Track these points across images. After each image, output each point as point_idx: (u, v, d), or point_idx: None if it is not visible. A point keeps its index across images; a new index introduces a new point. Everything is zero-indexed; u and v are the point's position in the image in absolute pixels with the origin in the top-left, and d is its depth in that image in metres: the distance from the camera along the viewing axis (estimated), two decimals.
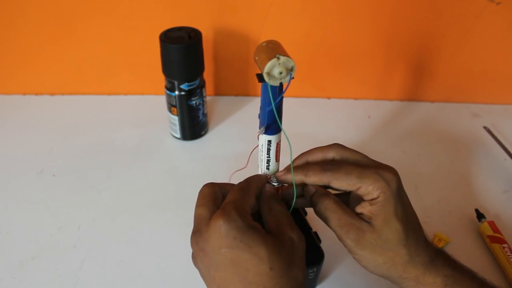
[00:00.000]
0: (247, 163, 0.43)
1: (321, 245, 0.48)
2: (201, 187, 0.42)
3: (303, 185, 0.43)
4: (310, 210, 0.53)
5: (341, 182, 0.40)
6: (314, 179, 0.41)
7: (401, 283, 0.41)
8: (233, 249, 0.35)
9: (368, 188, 0.39)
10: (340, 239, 0.41)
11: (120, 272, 0.54)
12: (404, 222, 0.39)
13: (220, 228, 0.35)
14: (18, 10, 0.74)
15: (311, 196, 0.43)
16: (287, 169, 0.43)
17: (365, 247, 0.40)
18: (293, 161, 0.44)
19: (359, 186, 0.39)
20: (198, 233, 0.38)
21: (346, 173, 0.40)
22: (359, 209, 0.40)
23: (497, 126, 0.78)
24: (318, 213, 0.42)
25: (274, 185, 0.43)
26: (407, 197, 0.42)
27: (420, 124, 0.79)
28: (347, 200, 0.44)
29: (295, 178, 0.42)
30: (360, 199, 0.41)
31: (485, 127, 0.77)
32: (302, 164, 0.43)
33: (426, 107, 0.84)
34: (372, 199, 0.39)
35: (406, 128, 0.78)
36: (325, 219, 0.42)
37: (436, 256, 0.41)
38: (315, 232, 0.49)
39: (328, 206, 0.41)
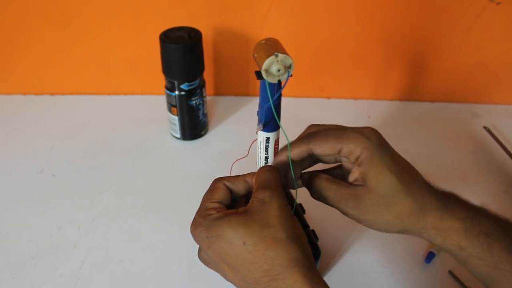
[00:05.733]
0: (248, 153, 0.44)
1: (319, 242, 0.48)
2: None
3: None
4: (308, 208, 0.53)
5: (322, 147, 0.40)
6: (296, 150, 0.41)
7: (422, 233, 0.40)
8: (211, 246, 0.37)
9: (349, 146, 0.39)
10: (343, 213, 0.41)
11: (120, 272, 0.54)
12: (397, 172, 0.39)
13: (194, 238, 0.39)
14: (18, 10, 0.74)
15: (305, 182, 0.43)
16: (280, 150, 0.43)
17: (368, 210, 0.39)
18: (277, 154, 0.43)
19: (340, 148, 0.39)
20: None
21: (324, 137, 0.40)
22: (351, 177, 0.40)
23: (497, 126, 0.78)
24: (314, 195, 0.42)
25: None
26: (392, 149, 0.41)
27: (420, 124, 0.79)
28: (342, 176, 0.43)
29: (282, 157, 0.42)
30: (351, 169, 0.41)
31: (485, 127, 0.77)
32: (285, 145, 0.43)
33: (426, 107, 0.84)
34: (357, 158, 0.39)
35: (406, 128, 0.78)
36: (322, 199, 0.42)
37: (447, 199, 0.40)
38: (313, 230, 0.49)
39: (321, 185, 0.41)
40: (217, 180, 0.42)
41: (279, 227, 0.36)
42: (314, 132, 0.41)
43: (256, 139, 0.42)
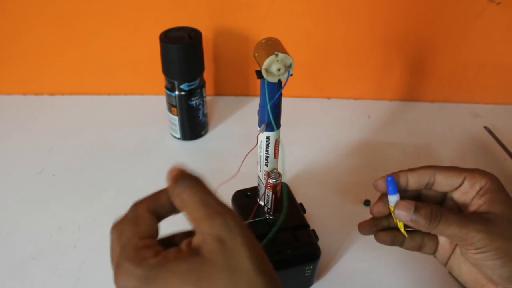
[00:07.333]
0: (238, 171, 0.41)
1: (319, 243, 0.48)
2: None
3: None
4: (309, 208, 0.53)
5: (446, 173, 0.40)
6: (420, 172, 0.41)
7: None
8: None
9: (475, 175, 0.39)
10: (466, 239, 0.37)
11: None
12: None
13: None
14: (18, 10, 0.74)
15: (424, 222, 0.39)
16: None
17: (497, 237, 0.36)
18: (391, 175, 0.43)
19: (464, 176, 0.39)
20: None
21: (448, 167, 0.41)
22: (471, 207, 0.39)
23: (497, 126, 0.78)
24: (436, 227, 0.38)
25: (272, 182, 0.43)
26: None
27: (420, 124, 0.79)
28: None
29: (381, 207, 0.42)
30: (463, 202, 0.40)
31: (485, 127, 0.77)
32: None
33: (426, 107, 0.84)
34: (480, 188, 0.39)
35: (406, 128, 0.78)
36: (445, 228, 0.38)
37: None
38: (313, 230, 0.49)
39: (445, 213, 0.38)
40: (137, 206, 0.32)
41: (254, 270, 0.27)
42: (436, 165, 0.42)
43: (251, 150, 0.42)
